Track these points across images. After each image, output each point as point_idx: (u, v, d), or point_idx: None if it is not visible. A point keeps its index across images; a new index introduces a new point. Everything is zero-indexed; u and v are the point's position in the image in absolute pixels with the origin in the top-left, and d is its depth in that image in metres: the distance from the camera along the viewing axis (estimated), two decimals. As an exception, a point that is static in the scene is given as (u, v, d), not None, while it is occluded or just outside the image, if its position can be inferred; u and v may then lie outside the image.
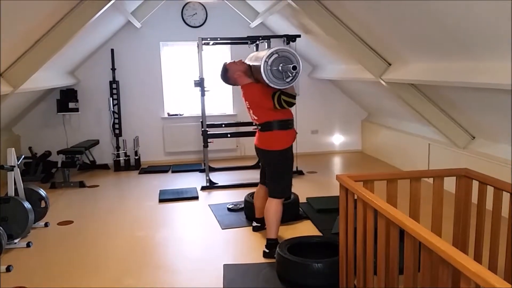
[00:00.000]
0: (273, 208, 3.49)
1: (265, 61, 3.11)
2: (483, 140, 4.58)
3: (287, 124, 3.45)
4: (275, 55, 3.13)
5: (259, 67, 3.18)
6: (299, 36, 5.61)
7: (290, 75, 3.14)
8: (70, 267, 3.42)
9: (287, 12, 5.52)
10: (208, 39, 5.55)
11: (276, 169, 3.51)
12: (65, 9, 4.19)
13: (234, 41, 6.08)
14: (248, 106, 3.54)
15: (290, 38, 5.54)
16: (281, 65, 3.13)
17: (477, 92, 3.74)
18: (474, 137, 4.73)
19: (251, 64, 3.52)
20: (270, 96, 3.31)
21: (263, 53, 3.22)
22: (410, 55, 4.22)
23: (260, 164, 3.88)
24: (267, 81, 3.15)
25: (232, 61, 3.70)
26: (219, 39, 5.62)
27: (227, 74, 3.61)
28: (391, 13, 3.76)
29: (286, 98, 3.29)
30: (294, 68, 3.07)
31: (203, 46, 5.50)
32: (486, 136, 4.48)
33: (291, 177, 3.61)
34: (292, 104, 3.35)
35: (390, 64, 4.71)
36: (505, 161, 4.07)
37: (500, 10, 2.59)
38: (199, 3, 6.95)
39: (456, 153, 4.83)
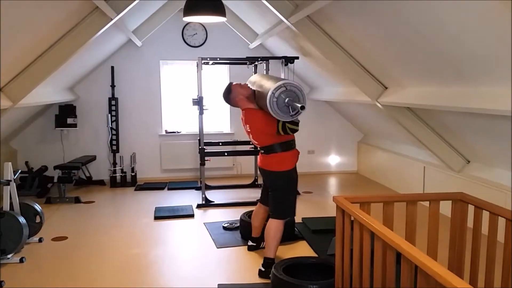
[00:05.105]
0: (274, 228, 3.48)
1: (272, 93, 3.10)
2: (478, 164, 4.62)
3: (290, 145, 3.48)
4: (283, 88, 3.11)
5: (264, 96, 3.18)
6: (297, 58, 5.70)
7: (295, 110, 3.12)
8: (63, 284, 3.39)
9: (286, 34, 5.61)
10: (208, 59, 5.63)
11: (280, 190, 3.52)
12: (68, 26, 4.24)
13: (233, 62, 6.16)
14: (248, 130, 3.54)
15: (289, 60, 5.63)
16: (287, 99, 3.11)
17: (472, 117, 3.79)
18: (469, 161, 4.77)
19: (255, 89, 3.55)
20: (273, 122, 3.32)
21: (269, 84, 3.22)
22: (406, 79, 4.29)
23: (260, 183, 3.87)
24: (272, 113, 3.15)
25: (239, 83, 3.68)
26: (218, 59, 5.70)
27: (230, 95, 3.61)
28: (388, 38, 3.85)
29: (291, 126, 3.32)
30: (303, 108, 3.03)
31: (203, 65, 5.57)
32: (481, 160, 4.52)
33: (295, 198, 3.63)
34: (296, 131, 3.38)
35: (386, 88, 4.78)
36: (500, 186, 4.11)
37: (496, 36, 2.64)
38: (200, 23, 7.06)
39: (451, 177, 4.87)
